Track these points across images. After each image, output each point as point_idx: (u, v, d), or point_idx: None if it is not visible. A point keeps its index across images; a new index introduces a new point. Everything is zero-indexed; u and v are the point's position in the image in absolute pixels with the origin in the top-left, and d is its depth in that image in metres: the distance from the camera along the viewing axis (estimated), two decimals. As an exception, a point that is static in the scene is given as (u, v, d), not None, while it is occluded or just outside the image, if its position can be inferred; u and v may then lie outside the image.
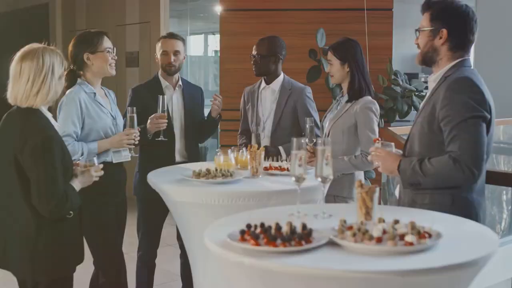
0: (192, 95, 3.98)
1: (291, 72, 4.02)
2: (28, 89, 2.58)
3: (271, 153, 3.57)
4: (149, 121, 3.63)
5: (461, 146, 2.33)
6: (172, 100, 3.89)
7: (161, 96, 3.63)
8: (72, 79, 3.31)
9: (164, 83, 3.90)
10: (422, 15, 2.60)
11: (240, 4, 5.57)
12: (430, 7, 2.57)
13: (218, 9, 5.82)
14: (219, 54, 5.99)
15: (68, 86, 3.30)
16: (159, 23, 7.15)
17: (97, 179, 2.84)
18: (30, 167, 2.56)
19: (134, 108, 3.41)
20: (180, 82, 3.94)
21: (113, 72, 3.41)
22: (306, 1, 5.48)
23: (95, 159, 2.90)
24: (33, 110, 2.63)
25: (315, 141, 3.32)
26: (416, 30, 2.61)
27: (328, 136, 3.44)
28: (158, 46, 3.90)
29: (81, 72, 3.36)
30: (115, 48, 3.45)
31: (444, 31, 2.51)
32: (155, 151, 3.81)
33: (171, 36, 3.91)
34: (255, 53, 3.83)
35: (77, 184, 2.73)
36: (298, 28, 5.42)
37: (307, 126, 3.38)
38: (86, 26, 8.31)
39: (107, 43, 3.38)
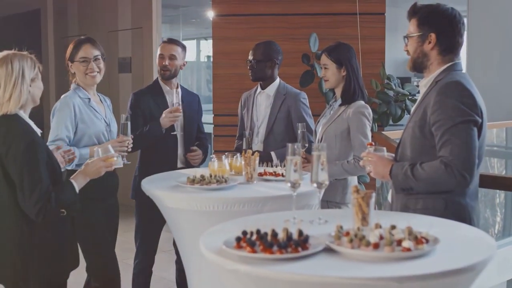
0: (190, 102, 4.00)
1: (283, 77, 4.01)
2: (0, 96, 2.60)
3: (262, 158, 3.56)
4: (163, 115, 3.68)
5: (452, 151, 2.32)
6: (174, 106, 3.90)
7: (174, 89, 3.70)
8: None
9: (164, 87, 3.92)
10: (409, 22, 2.59)
11: (232, 9, 5.56)
12: (416, 13, 2.56)
13: (210, 14, 5.81)
14: (211, 59, 5.97)
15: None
16: (152, 28, 7.13)
17: (109, 169, 2.84)
18: (14, 171, 2.55)
19: (128, 115, 3.42)
20: (178, 88, 3.96)
21: (91, 82, 3.39)
22: (298, 6, 5.47)
23: (110, 146, 2.90)
24: (11, 117, 2.63)
25: (307, 146, 3.32)
26: (405, 36, 2.61)
27: (321, 141, 3.43)
28: (158, 50, 3.92)
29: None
30: (100, 57, 3.42)
31: (433, 35, 2.50)
32: (157, 156, 3.81)
33: (170, 40, 3.94)
34: (251, 58, 3.82)
35: (79, 178, 2.73)
36: (290, 33, 5.42)
37: (299, 131, 3.36)
38: (78, 32, 8.29)
39: (83, 52, 3.38)
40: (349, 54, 3.44)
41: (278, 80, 3.90)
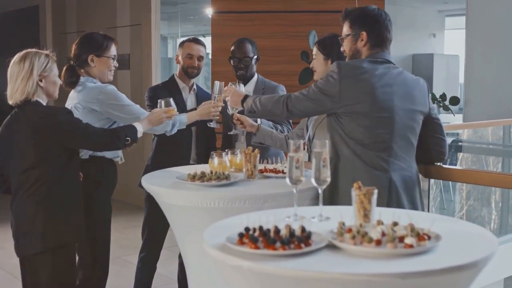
0: (205, 100, 4.01)
1: (282, 74, 4.03)
2: (11, 88, 2.92)
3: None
4: (202, 107, 3.67)
5: (297, 95, 2.82)
6: (187, 103, 3.95)
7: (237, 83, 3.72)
8: (71, 74, 3.40)
9: (181, 84, 3.96)
10: (342, 25, 2.91)
11: (231, 6, 5.56)
12: (347, 15, 2.90)
13: (209, 11, 5.82)
14: (210, 57, 5.97)
15: (67, 81, 3.39)
16: (150, 25, 7.13)
17: (169, 119, 3.34)
18: (68, 138, 2.91)
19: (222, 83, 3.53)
20: (194, 86, 4.01)
21: (111, 78, 3.48)
22: (297, 3, 5.48)
23: (171, 100, 3.32)
24: (29, 101, 2.90)
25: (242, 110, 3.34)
26: (340, 38, 2.95)
27: (313, 136, 3.41)
28: (182, 49, 3.94)
29: (82, 70, 3.41)
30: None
31: (364, 33, 2.83)
32: (171, 148, 3.83)
33: (197, 41, 3.98)
34: (242, 56, 3.83)
35: (144, 122, 3.21)
36: (289, 30, 5.43)
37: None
38: (76, 28, 8.29)
39: (114, 50, 3.45)
40: (339, 47, 3.42)
41: (256, 75, 3.92)
